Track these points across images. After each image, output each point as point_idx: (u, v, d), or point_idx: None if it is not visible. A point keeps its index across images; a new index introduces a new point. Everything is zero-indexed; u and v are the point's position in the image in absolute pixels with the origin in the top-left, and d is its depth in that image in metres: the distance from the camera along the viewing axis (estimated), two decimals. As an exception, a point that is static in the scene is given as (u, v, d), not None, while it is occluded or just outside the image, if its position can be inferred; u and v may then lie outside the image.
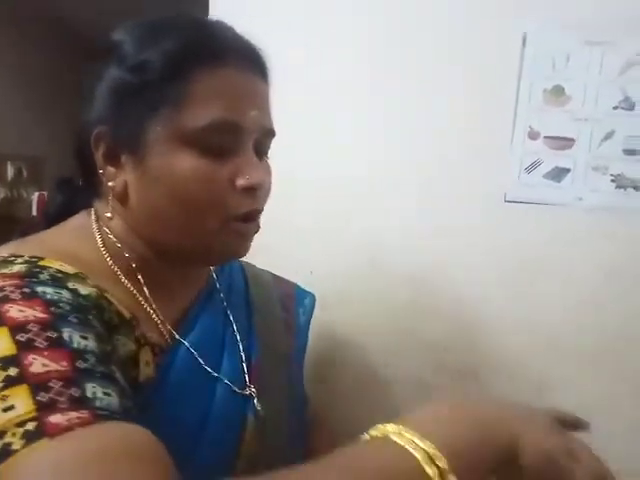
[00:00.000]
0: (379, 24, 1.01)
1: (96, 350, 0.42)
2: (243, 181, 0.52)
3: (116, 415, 0.38)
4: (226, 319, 0.62)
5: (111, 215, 0.55)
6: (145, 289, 0.55)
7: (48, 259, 0.48)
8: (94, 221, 0.56)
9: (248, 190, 0.53)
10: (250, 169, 0.53)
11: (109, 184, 0.53)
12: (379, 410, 1.02)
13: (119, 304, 0.50)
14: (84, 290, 0.46)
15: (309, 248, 1.07)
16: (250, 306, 0.66)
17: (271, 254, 1.04)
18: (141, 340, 0.51)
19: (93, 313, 0.45)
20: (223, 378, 0.57)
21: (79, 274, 0.48)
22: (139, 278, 0.54)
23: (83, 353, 0.40)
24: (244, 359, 0.60)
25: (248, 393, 0.59)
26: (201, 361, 0.55)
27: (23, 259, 0.47)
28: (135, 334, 0.50)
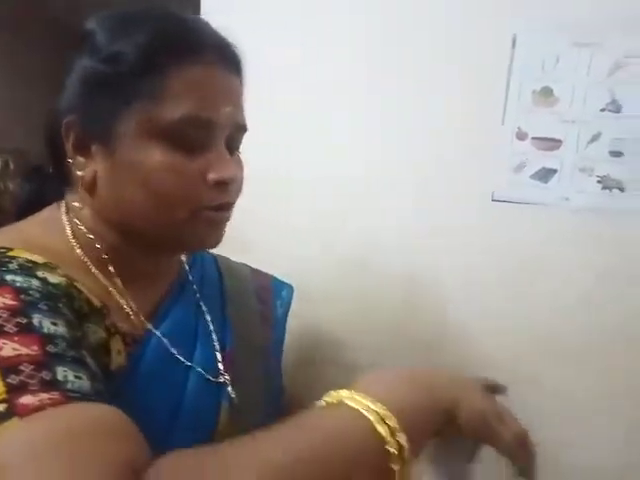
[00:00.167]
0: (376, 23, 1.01)
1: (66, 335, 0.42)
2: (215, 175, 0.53)
3: (87, 397, 0.38)
4: (199, 310, 0.62)
5: (80, 205, 0.55)
6: (117, 280, 0.55)
7: (17, 249, 0.48)
8: (64, 213, 0.56)
9: (220, 184, 0.53)
10: (222, 164, 0.53)
11: (78, 173, 0.53)
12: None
13: (89, 293, 0.50)
14: (53, 279, 0.47)
15: (306, 247, 1.07)
16: (224, 297, 0.66)
17: (270, 253, 1.04)
18: (112, 329, 0.51)
19: (63, 301, 0.45)
20: (196, 367, 0.57)
21: (48, 264, 0.48)
22: (110, 269, 0.55)
23: (53, 338, 0.40)
24: (218, 348, 0.61)
25: (222, 381, 0.59)
26: (174, 351, 0.56)
27: None
28: (106, 323, 0.50)
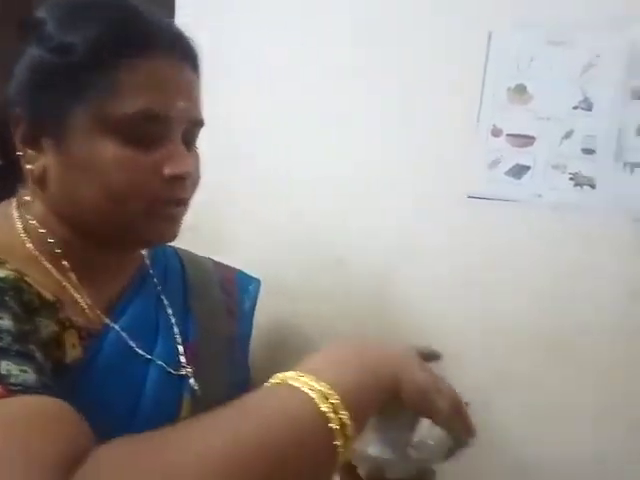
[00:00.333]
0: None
1: (12, 329, 0.42)
2: (170, 170, 0.51)
3: (31, 390, 0.38)
4: (159, 303, 0.61)
5: (31, 199, 0.54)
6: (71, 274, 0.54)
7: None
8: (15, 208, 0.55)
9: (176, 179, 0.52)
10: (178, 158, 0.52)
11: (27, 167, 0.52)
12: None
13: (41, 287, 0.49)
14: (1, 273, 0.46)
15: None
16: (187, 289, 0.66)
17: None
18: (66, 323, 0.50)
19: (10, 294, 0.45)
20: (156, 360, 0.56)
21: None
22: (64, 263, 0.54)
23: None
24: (180, 341, 0.60)
25: (184, 373, 0.58)
26: (133, 344, 0.55)
27: None
28: (59, 316, 0.50)
